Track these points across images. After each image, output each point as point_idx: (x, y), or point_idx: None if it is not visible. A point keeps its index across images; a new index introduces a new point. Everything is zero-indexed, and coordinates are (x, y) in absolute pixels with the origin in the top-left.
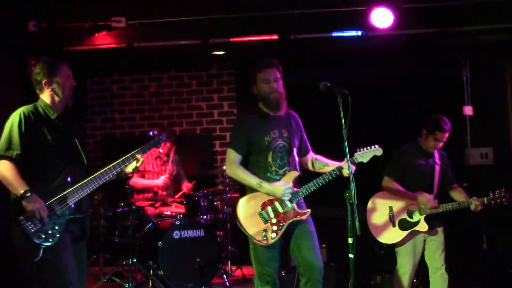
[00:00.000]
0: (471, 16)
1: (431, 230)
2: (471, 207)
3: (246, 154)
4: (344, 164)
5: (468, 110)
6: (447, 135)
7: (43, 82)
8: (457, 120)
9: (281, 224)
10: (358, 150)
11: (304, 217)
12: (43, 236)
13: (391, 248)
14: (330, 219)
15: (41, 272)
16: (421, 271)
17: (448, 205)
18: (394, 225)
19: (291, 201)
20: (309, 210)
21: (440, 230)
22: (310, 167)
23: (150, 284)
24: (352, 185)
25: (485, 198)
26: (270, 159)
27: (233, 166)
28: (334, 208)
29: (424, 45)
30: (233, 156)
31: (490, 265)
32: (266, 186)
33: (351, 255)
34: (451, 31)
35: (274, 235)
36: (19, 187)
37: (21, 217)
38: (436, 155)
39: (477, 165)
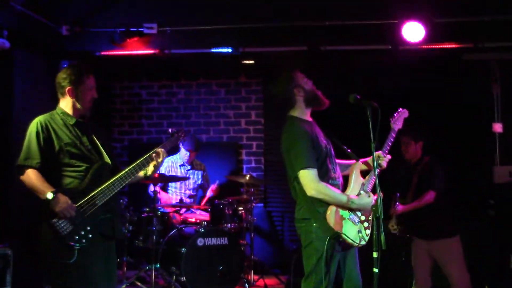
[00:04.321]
0: (503, 31)
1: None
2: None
3: None
4: (380, 155)
5: (497, 127)
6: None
7: (66, 89)
8: (486, 137)
9: (369, 218)
10: (391, 119)
11: None
12: (76, 238)
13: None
14: None
15: (67, 273)
16: None
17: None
18: None
19: (369, 194)
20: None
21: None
22: None
23: None
24: (379, 199)
25: None
26: (330, 165)
27: (319, 186)
28: None
29: (455, 60)
30: (314, 175)
31: None
32: (357, 201)
33: (375, 270)
34: (482, 46)
35: (368, 231)
36: (45, 190)
37: (54, 219)
38: None
39: (505, 184)
